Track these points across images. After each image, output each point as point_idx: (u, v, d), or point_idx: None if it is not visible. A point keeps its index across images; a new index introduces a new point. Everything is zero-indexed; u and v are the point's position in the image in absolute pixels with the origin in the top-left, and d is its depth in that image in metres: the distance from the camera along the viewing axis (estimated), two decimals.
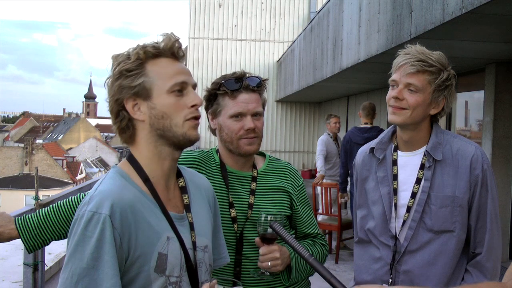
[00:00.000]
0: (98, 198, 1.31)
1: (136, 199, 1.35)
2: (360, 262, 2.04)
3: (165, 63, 1.40)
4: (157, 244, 1.34)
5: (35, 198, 4.15)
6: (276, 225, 1.71)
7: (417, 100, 1.83)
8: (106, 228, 1.26)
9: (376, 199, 1.96)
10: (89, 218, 1.28)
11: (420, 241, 1.87)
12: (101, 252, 1.25)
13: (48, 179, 44.37)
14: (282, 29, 16.94)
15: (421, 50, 1.85)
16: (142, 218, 1.33)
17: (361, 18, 6.53)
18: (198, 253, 1.45)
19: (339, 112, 12.86)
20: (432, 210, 1.85)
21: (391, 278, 1.91)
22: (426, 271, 1.87)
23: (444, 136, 1.91)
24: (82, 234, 1.27)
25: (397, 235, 1.90)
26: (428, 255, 1.86)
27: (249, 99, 1.85)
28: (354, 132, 6.16)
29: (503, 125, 5.94)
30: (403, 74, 1.83)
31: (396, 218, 1.91)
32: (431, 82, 1.83)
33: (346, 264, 6.56)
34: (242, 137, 1.84)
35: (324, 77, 8.91)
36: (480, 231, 1.87)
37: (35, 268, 3.48)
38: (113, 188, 1.34)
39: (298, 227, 2.00)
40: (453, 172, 1.86)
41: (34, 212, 1.79)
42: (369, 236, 2.00)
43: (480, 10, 3.55)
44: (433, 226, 1.85)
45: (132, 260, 1.30)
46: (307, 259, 1.58)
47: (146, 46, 1.39)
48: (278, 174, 1.98)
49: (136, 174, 1.40)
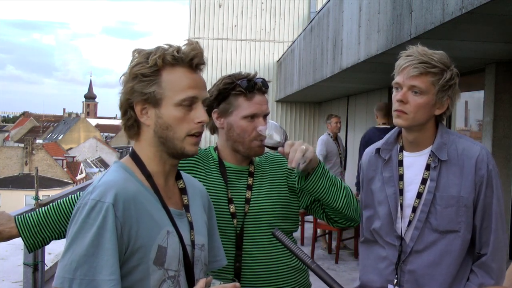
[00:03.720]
0: (103, 187, 1.32)
1: (139, 191, 1.38)
2: (366, 262, 2.05)
3: (180, 73, 1.40)
4: (158, 236, 1.36)
5: (35, 198, 4.15)
6: (278, 233, 1.72)
7: (421, 103, 1.83)
8: (108, 216, 1.27)
9: (382, 199, 1.97)
10: (92, 206, 1.29)
11: (426, 241, 1.87)
12: (102, 240, 1.26)
13: (48, 179, 44.39)
14: (282, 29, 16.94)
15: (423, 51, 1.85)
16: (144, 210, 1.35)
17: (361, 18, 6.53)
18: (196, 251, 1.47)
19: (339, 112, 12.86)
20: (438, 210, 1.85)
21: (396, 277, 1.91)
22: (431, 271, 1.87)
23: (449, 136, 1.92)
24: (84, 222, 1.28)
25: (402, 235, 1.91)
26: (434, 255, 1.87)
27: (262, 101, 1.90)
28: (374, 132, 6.11)
29: (503, 125, 5.94)
30: (407, 77, 1.83)
31: (402, 218, 1.91)
32: (435, 83, 1.82)
33: (346, 264, 6.56)
34: (255, 138, 1.87)
35: (324, 77, 8.91)
36: (486, 232, 1.87)
37: (35, 268, 3.48)
38: (117, 180, 1.36)
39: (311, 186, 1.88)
40: (458, 172, 1.86)
41: (34, 211, 1.79)
42: (375, 236, 2.00)
43: (480, 10, 3.55)
44: (438, 226, 1.86)
45: (132, 251, 1.31)
46: (310, 265, 1.58)
47: (165, 54, 1.38)
48: (272, 164, 2.01)
49: (139, 170, 1.42)
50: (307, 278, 2.03)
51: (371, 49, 6.01)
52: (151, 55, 1.38)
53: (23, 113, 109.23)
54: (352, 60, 6.96)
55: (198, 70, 1.44)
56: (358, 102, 12.20)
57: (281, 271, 1.91)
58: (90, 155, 62.52)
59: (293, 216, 2.00)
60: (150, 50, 1.40)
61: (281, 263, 1.91)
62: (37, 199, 4.01)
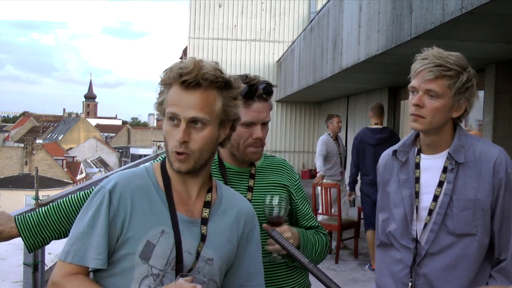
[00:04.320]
0: (111, 177, 1.47)
1: (145, 187, 1.46)
2: (381, 265, 2.03)
3: (175, 90, 1.43)
4: (149, 232, 1.41)
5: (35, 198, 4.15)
6: (275, 233, 1.71)
7: (437, 106, 1.81)
8: (104, 201, 1.41)
9: (397, 202, 1.95)
10: (97, 191, 1.45)
11: (441, 244, 1.85)
12: (96, 222, 1.40)
13: (48, 179, 44.35)
14: (282, 29, 16.94)
15: (439, 54, 1.82)
16: (140, 205, 1.43)
17: (361, 18, 6.53)
18: (200, 262, 1.46)
19: (339, 112, 12.86)
20: (454, 213, 1.83)
21: (411, 281, 1.90)
22: (446, 274, 1.85)
23: (467, 139, 1.90)
24: (88, 204, 1.45)
25: (418, 238, 1.89)
26: (449, 259, 1.85)
27: (261, 108, 1.85)
28: (366, 132, 6.17)
29: (503, 125, 5.95)
30: (422, 81, 1.81)
31: (418, 220, 1.89)
32: (451, 86, 1.80)
33: (346, 264, 6.56)
34: (250, 145, 1.85)
35: (324, 77, 8.91)
36: (504, 236, 1.85)
37: (35, 268, 3.48)
38: (127, 173, 1.48)
39: (299, 221, 2.00)
40: (476, 175, 1.84)
41: (34, 211, 1.79)
42: (390, 239, 1.99)
43: (480, 10, 3.55)
44: (454, 229, 1.84)
45: (123, 240, 1.41)
46: (307, 266, 1.58)
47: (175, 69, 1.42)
48: (275, 170, 2.00)
49: (160, 173, 1.50)
50: (306, 278, 2.02)
51: (371, 49, 6.01)
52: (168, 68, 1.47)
53: (23, 113, 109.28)
54: (352, 60, 6.96)
55: (192, 89, 1.41)
56: (358, 102, 12.20)
57: (281, 271, 1.91)
58: (90, 155, 62.51)
59: (295, 220, 2.00)
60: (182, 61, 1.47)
61: (281, 263, 1.90)
62: (37, 199, 4.00)
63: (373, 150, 6.04)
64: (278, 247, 1.78)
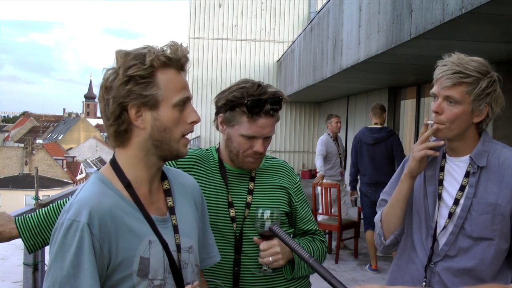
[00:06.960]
0: (77, 205, 1.32)
1: (116, 204, 1.35)
2: (398, 262, 2.03)
3: (172, 74, 1.38)
4: (139, 248, 1.35)
5: (35, 198, 4.15)
6: (275, 227, 1.71)
7: (456, 113, 1.81)
8: (84, 236, 1.28)
9: (419, 196, 1.96)
10: (68, 226, 1.29)
11: (459, 246, 1.85)
12: (81, 260, 1.27)
13: (48, 179, 44.37)
14: (282, 29, 16.94)
15: (459, 61, 1.82)
16: (122, 224, 1.34)
17: (361, 18, 6.53)
18: (183, 254, 1.45)
19: (339, 112, 12.86)
20: (473, 216, 1.83)
21: (425, 280, 1.90)
22: (462, 277, 1.85)
23: (492, 145, 1.90)
24: (62, 242, 1.29)
25: (436, 238, 1.89)
26: (466, 261, 1.84)
27: (266, 124, 1.82)
28: (364, 132, 6.19)
29: (503, 125, 5.94)
30: (441, 87, 1.82)
31: (438, 222, 1.90)
32: (470, 92, 1.80)
33: (346, 264, 6.56)
34: (249, 156, 1.85)
35: (324, 77, 8.92)
36: None
37: (35, 268, 3.48)
38: (91, 195, 1.34)
39: (297, 224, 2.00)
40: (498, 181, 1.84)
41: (34, 212, 1.79)
42: (408, 236, 1.99)
43: (480, 10, 3.55)
44: (472, 232, 1.83)
45: (115, 266, 1.32)
46: (307, 260, 1.58)
47: (159, 54, 1.36)
48: (275, 172, 1.99)
49: (118, 180, 1.40)
50: (306, 278, 2.02)
51: (371, 49, 6.01)
52: (146, 56, 1.35)
53: (23, 113, 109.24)
54: (352, 60, 6.96)
55: (184, 71, 1.43)
56: (358, 102, 12.20)
57: (280, 285, 1.91)
58: (90, 155, 62.50)
59: (293, 222, 2.00)
60: (138, 51, 1.37)
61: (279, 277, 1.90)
62: (37, 199, 4.00)
63: (370, 149, 6.06)
64: (268, 260, 1.79)
